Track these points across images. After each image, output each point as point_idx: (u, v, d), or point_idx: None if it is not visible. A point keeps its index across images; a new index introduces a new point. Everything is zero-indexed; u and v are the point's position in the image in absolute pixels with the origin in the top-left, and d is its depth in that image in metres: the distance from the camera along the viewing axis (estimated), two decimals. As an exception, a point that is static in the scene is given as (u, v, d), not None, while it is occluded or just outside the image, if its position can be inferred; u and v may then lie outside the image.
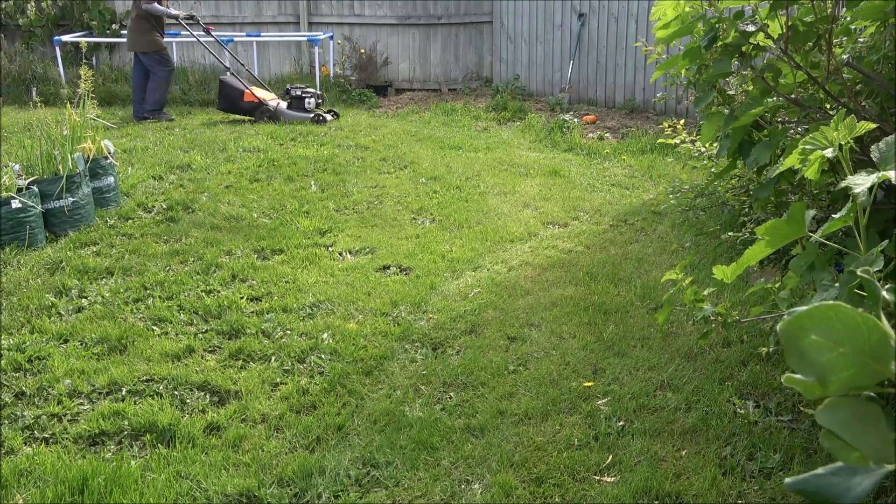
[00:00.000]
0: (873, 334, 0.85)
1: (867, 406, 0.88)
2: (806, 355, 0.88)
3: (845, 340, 0.86)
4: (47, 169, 4.91)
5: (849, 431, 0.87)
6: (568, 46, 9.39)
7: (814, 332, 0.87)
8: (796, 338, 0.88)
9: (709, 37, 2.27)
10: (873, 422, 0.86)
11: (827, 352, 0.87)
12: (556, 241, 4.81)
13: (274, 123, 8.33)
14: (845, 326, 0.86)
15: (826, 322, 0.87)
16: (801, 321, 0.88)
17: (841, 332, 0.86)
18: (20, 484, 2.51)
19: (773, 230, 1.47)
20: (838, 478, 0.84)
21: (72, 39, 10.02)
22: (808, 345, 0.88)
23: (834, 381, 0.88)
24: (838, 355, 0.86)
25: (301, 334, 3.56)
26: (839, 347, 0.86)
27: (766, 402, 2.89)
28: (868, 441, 0.85)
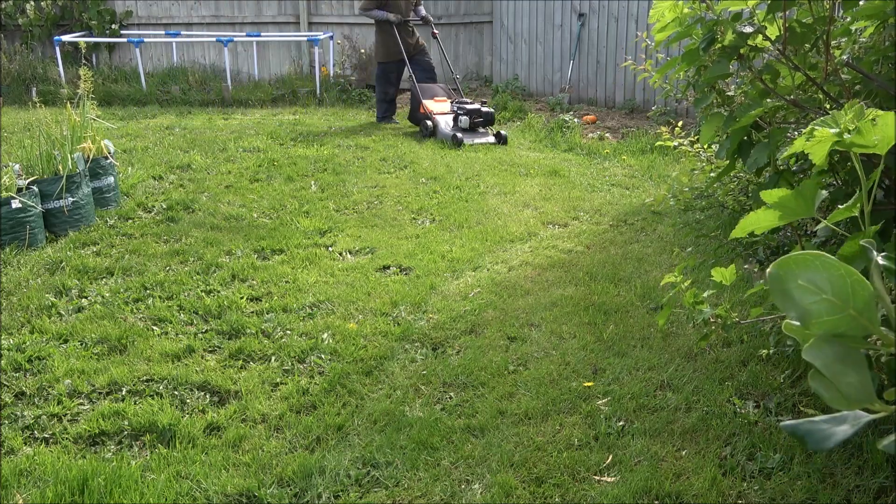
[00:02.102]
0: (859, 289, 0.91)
1: (851, 351, 0.94)
2: (791, 297, 0.95)
3: (829, 289, 0.92)
4: (47, 169, 4.91)
5: (832, 371, 0.93)
6: (568, 46, 9.40)
7: (800, 277, 0.94)
8: (783, 279, 0.95)
9: (707, 39, 2.27)
10: (855, 364, 0.93)
11: (811, 296, 0.93)
12: (556, 241, 4.81)
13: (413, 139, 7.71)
14: (829, 276, 0.93)
15: (812, 269, 0.93)
16: (788, 265, 0.95)
17: (825, 281, 0.92)
18: (20, 484, 2.51)
19: (782, 203, 1.46)
20: (826, 424, 0.90)
21: (72, 39, 10.03)
22: (795, 288, 0.95)
23: (816, 323, 0.94)
24: (822, 300, 0.93)
25: (301, 334, 3.56)
26: (822, 293, 0.92)
27: (766, 402, 2.89)
28: (849, 381, 0.91)
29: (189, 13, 10.79)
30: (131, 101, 9.66)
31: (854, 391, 0.89)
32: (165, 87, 9.94)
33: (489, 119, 7.66)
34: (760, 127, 2.32)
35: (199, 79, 10.18)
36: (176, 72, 10.42)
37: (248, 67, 10.72)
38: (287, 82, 10.15)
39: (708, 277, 3.27)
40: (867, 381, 0.90)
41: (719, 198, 4.50)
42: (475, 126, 7.52)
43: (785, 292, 0.94)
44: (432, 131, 7.70)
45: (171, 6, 10.82)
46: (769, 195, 1.50)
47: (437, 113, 7.80)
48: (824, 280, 0.91)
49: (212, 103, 9.66)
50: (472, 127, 7.50)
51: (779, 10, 2.14)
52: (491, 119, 7.66)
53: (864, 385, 0.90)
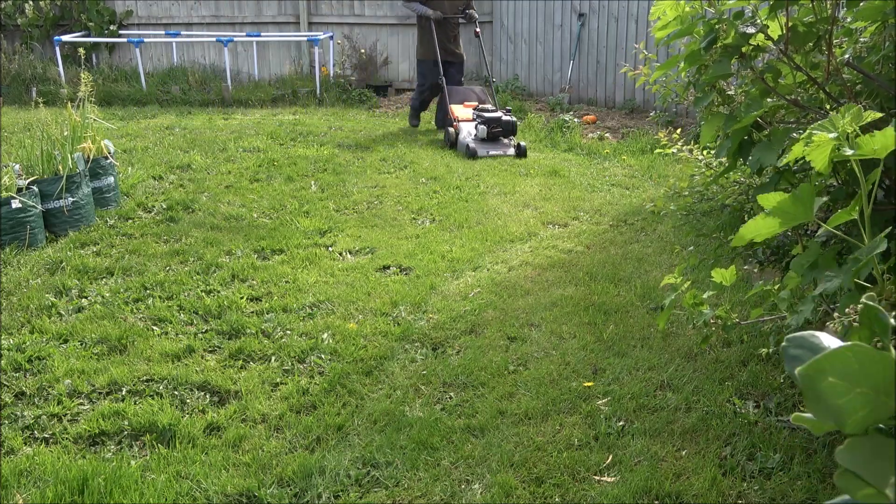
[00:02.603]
0: (888, 369, 0.85)
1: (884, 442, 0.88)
2: (823, 398, 0.87)
3: (862, 380, 0.85)
4: (47, 169, 4.91)
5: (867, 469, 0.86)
6: (568, 46, 9.40)
7: (831, 374, 0.87)
8: (814, 381, 0.87)
9: (708, 38, 2.27)
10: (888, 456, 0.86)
11: (844, 393, 0.86)
12: (556, 241, 4.81)
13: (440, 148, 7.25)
14: (862, 365, 0.85)
15: (844, 363, 0.86)
16: (819, 365, 0.87)
17: (858, 373, 0.85)
18: (20, 484, 2.51)
19: (780, 208, 1.46)
20: None
21: (72, 39, 10.03)
22: (826, 387, 0.87)
23: (851, 422, 0.87)
24: (855, 396, 0.86)
25: (301, 334, 3.56)
26: (856, 388, 0.85)
27: (766, 402, 2.89)
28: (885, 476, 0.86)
29: (189, 13, 10.79)
30: (131, 102, 9.65)
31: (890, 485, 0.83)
32: (165, 87, 9.94)
33: (509, 129, 7.09)
34: (761, 126, 2.32)
35: (199, 79, 10.17)
36: (176, 72, 10.41)
37: (248, 67, 10.71)
38: (287, 82, 10.15)
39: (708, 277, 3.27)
40: None
41: (719, 200, 4.49)
42: (494, 136, 7.00)
43: (816, 394, 0.87)
44: (454, 141, 7.19)
45: (171, 6, 10.82)
46: (767, 200, 1.49)
47: (463, 120, 7.32)
48: (857, 372, 0.85)
49: (212, 103, 9.65)
50: (490, 137, 6.98)
51: (781, 9, 2.14)
52: (512, 129, 7.08)
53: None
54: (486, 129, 6.95)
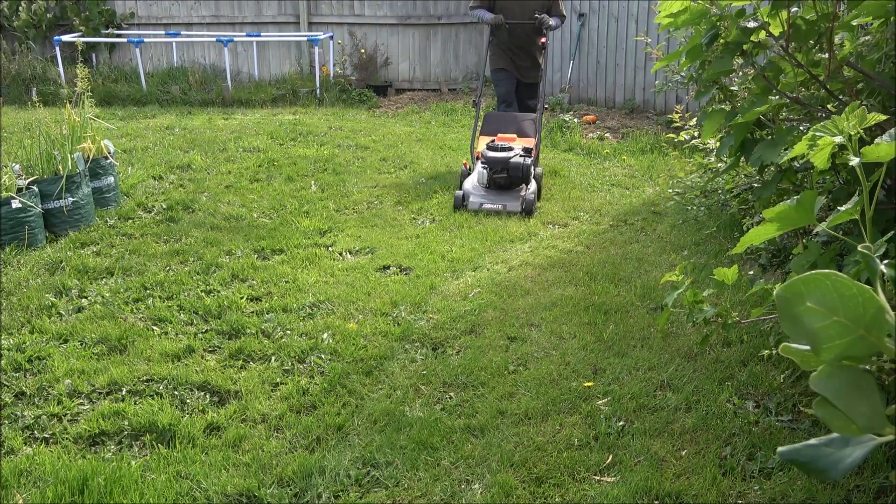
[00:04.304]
0: (869, 306, 0.85)
1: (861, 375, 0.88)
2: (800, 321, 0.88)
3: (840, 309, 0.86)
4: (47, 169, 4.91)
5: (842, 399, 0.87)
6: (568, 46, 9.39)
7: (809, 299, 0.87)
8: (792, 303, 0.88)
9: (710, 34, 2.27)
10: (866, 391, 0.86)
11: (821, 319, 0.87)
12: (556, 241, 4.80)
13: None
14: (841, 296, 0.86)
15: (822, 290, 0.86)
16: (797, 287, 0.88)
17: (836, 301, 0.86)
18: (20, 484, 2.51)
19: (781, 215, 1.46)
20: (830, 448, 0.84)
21: (72, 39, 10.02)
22: (804, 311, 0.88)
23: (827, 348, 0.88)
24: (832, 323, 0.86)
25: (301, 334, 3.56)
26: (833, 315, 0.86)
27: (766, 402, 2.88)
28: (860, 410, 0.86)
29: (189, 13, 10.79)
30: (131, 101, 9.65)
31: (866, 419, 0.84)
32: (165, 87, 9.94)
33: (518, 174, 5.42)
34: (763, 124, 2.32)
35: (199, 79, 10.17)
36: (176, 72, 10.41)
37: (248, 67, 10.71)
38: (287, 82, 10.14)
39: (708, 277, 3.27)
40: (879, 407, 0.85)
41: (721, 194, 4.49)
42: (497, 183, 5.49)
43: (793, 316, 0.88)
44: (461, 180, 5.77)
45: (171, 6, 10.82)
46: (769, 212, 1.50)
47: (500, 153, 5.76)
48: (835, 300, 0.85)
49: (212, 103, 9.65)
50: (491, 184, 5.50)
51: (783, 6, 2.14)
52: (522, 175, 5.43)
53: (875, 411, 0.84)
54: (487, 172, 5.48)
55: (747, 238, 1.55)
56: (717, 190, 4.86)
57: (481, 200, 5.42)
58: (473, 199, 5.43)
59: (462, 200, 5.41)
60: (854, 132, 1.38)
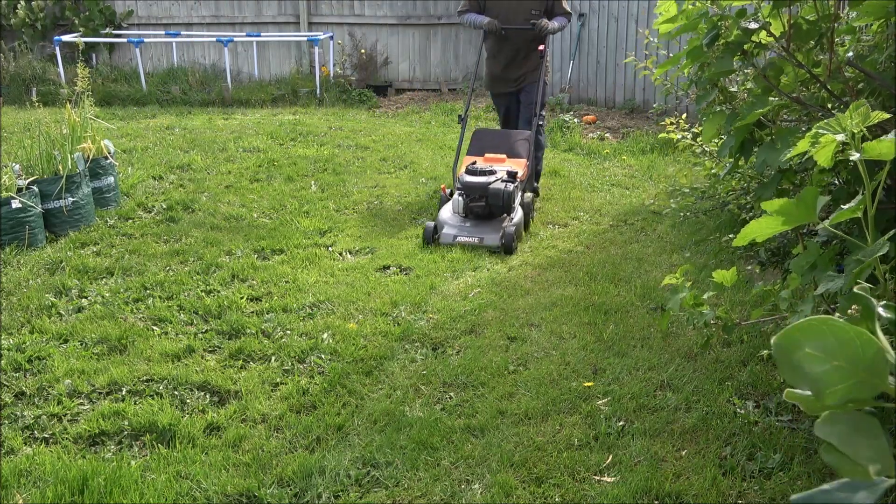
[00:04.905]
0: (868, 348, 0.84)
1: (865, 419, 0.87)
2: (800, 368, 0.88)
3: (839, 353, 0.85)
4: (47, 169, 4.91)
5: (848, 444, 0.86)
6: (568, 46, 9.39)
7: (807, 345, 0.87)
8: (789, 351, 0.88)
9: (711, 35, 2.27)
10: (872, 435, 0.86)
11: (821, 364, 0.86)
12: (556, 241, 4.80)
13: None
14: (838, 340, 0.86)
15: (818, 335, 0.86)
16: (793, 335, 0.88)
17: (834, 346, 0.85)
18: (20, 484, 2.51)
19: (783, 210, 1.45)
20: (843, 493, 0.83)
21: (71, 39, 10.02)
22: (802, 357, 0.87)
23: (829, 393, 0.87)
24: (832, 368, 0.86)
25: (301, 334, 3.56)
26: (833, 360, 0.86)
27: (766, 402, 2.88)
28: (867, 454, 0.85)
29: (189, 13, 10.79)
30: (131, 101, 9.65)
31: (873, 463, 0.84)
32: (165, 87, 9.94)
33: (498, 204, 4.72)
34: (763, 125, 2.32)
35: (199, 79, 10.17)
36: (176, 72, 10.41)
37: (248, 67, 10.71)
38: (287, 82, 10.14)
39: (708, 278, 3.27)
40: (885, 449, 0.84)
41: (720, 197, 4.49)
42: (475, 213, 4.81)
43: (792, 364, 0.87)
44: (441, 205, 5.15)
45: (171, 6, 10.82)
46: (770, 205, 1.49)
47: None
48: (833, 345, 0.85)
49: (212, 103, 9.65)
50: (468, 213, 4.84)
51: (783, 6, 2.14)
52: (503, 204, 4.72)
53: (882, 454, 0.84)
54: (464, 200, 4.81)
55: (749, 230, 1.55)
56: (716, 194, 4.87)
57: (455, 233, 4.72)
58: (447, 230, 4.75)
59: (434, 233, 4.73)
60: (857, 130, 1.38)
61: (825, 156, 1.42)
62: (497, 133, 5.60)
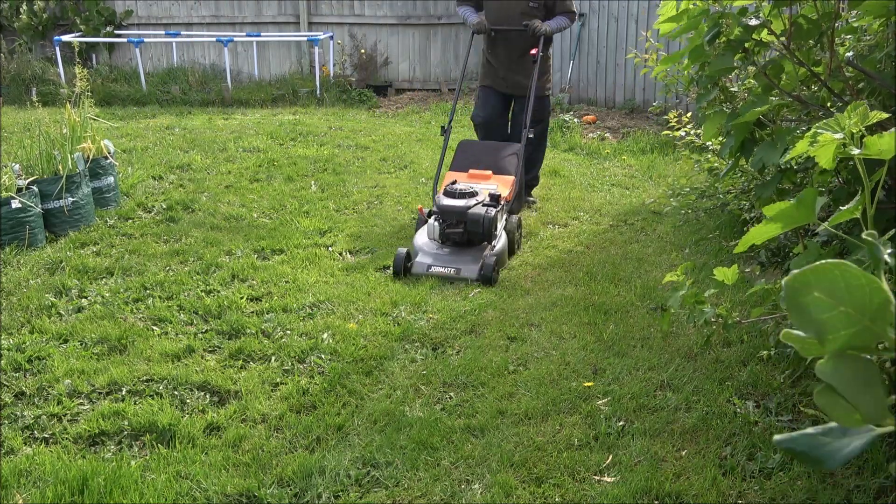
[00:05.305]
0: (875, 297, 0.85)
1: (866, 365, 0.88)
2: (807, 311, 0.88)
3: (847, 300, 0.86)
4: (47, 169, 4.91)
5: (846, 389, 0.87)
6: (568, 46, 9.39)
7: (817, 289, 0.87)
8: (799, 293, 0.88)
9: (712, 32, 2.27)
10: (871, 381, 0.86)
11: (828, 309, 0.87)
12: (556, 241, 4.80)
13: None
14: (848, 286, 0.86)
15: (830, 279, 0.86)
16: (805, 277, 0.88)
17: (843, 291, 0.86)
18: (20, 484, 2.51)
19: (782, 213, 1.45)
20: (828, 438, 0.84)
21: (72, 39, 10.02)
22: (811, 301, 0.87)
23: (832, 338, 0.88)
24: (839, 314, 0.86)
25: (301, 334, 3.56)
26: (840, 306, 0.86)
27: (766, 402, 2.88)
28: (864, 399, 0.85)
29: (189, 13, 10.79)
30: (131, 101, 9.65)
31: (868, 409, 0.84)
32: (165, 87, 9.93)
33: (478, 230, 4.29)
34: (763, 125, 2.32)
35: (199, 79, 10.17)
36: (176, 72, 10.41)
37: (248, 67, 10.71)
38: (287, 82, 10.14)
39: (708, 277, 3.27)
40: (881, 398, 0.85)
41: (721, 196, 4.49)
42: (452, 240, 4.37)
43: (800, 306, 0.87)
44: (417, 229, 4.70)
45: (171, 6, 10.82)
46: (769, 209, 1.49)
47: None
48: (842, 290, 0.85)
49: (212, 103, 9.65)
50: (445, 240, 4.38)
51: (784, 5, 2.14)
52: (483, 231, 4.28)
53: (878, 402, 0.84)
54: (440, 226, 4.37)
55: (749, 237, 1.55)
56: (716, 194, 4.87)
57: (429, 262, 4.26)
58: (421, 258, 4.29)
59: (406, 260, 4.23)
60: (856, 129, 1.38)
61: (826, 156, 1.42)
62: (483, 146, 5.17)
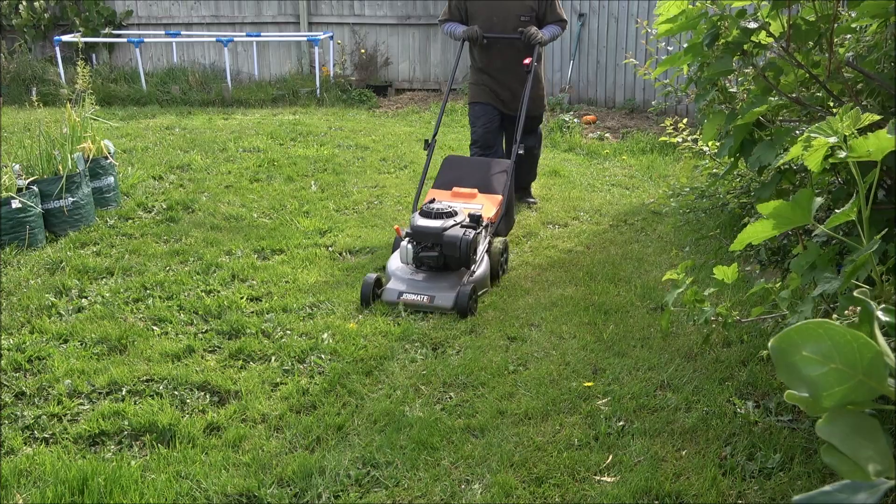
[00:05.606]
0: (866, 351, 0.85)
1: (866, 420, 0.88)
2: (798, 370, 0.88)
3: (836, 357, 0.86)
4: (47, 169, 4.91)
5: (848, 445, 0.87)
6: (568, 46, 9.39)
7: (804, 348, 0.87)
8: (787, 353, 0.88)
9: (711, 34, 2.27)
10: (872, 436, 0.86)
11: (819, 367, 0.87)
12: (556, 241, 4.80)
13: None
14: (835, 343, 0.86)
15: (816, 338, 0.87)
16: (790, 337, 0.88)
17: (831, 349, 0.86)
18: (20, 484, 2.51)
19: (778, 213, 1.45)
20: (844, 494, 0.83)
21: (72, 39, 10.02)
22: (800, 360, 0.88)
23: (827, 395, 0.88)
24: (830, 371, 0.86)
25: (301, 334, 3.56)
26: (830, 363, 0.86)
27: (766, 402, 2.88)
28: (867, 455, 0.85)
29: (189, 13, 10.79)
30: (131, 101, 9.65)
31: (873, 464, 0.84)
32: (165, 87, 9.93)
33: (454, 255, 3.88)
34: (763, 125, 2.32)
35: (199, 79, 10.17)
36: (176, 72, 10.41)
37: (248, 67, 10.71)
38: (287, 82, 10.14)
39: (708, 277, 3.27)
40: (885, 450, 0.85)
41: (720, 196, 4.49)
42: (427, 263, 3.94)
43: (790, 366, 0.88)
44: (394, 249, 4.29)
45: (171, 6, 10.82)
46: (765, 207, 1.50)
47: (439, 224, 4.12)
48: (830, 348, 0.86)
49: (212, 103, 9.65)
50: (419, 264, 3.97)
51: (783, 6, 2.14)
52: (461, 255, 3.87)
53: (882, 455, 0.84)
54: (413, 249, 3.95)
55: (745, 235, 1.55)
56: (716, 194, 4.87)
57: (401, 288, 3.86)
58: (392, 284, 3.91)
59: (376, 286, 3.87)
60: (849, 132, 1.38)
61: (815, 160, 1.43)
62: (470, 162, 4.81)
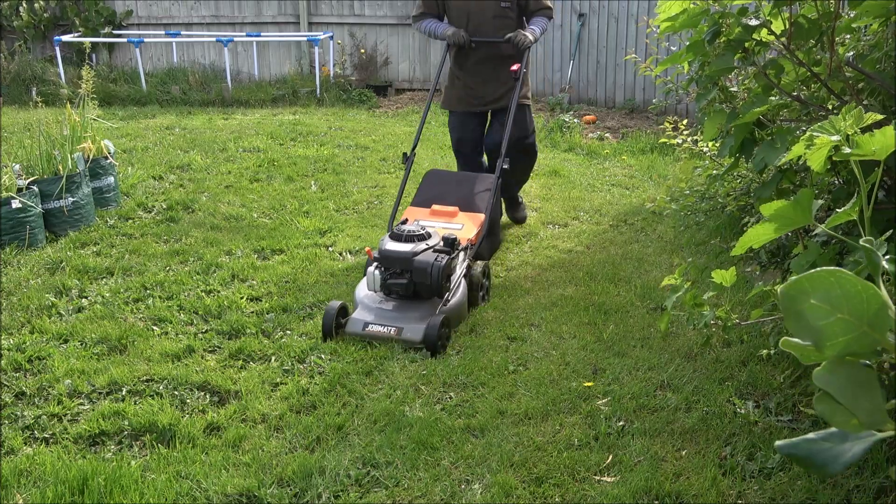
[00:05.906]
0: (873, 302, 0.85)
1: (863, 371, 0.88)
2: (804, 318, 0.88)
3: (844, 306, 0.86)
4: (47, 169, 4.91)
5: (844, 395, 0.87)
6: (568, 46, 9.39)
7: (814, 296, 0.87)
8: (796, 300, 0.88)
9: (712, 31, 2.27)
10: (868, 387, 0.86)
11: (825, 316, 0.87)
12: (556, 241, 4.80)
13: None
14: (845, 293, 0.86)
15: (826, 287, 0.86)
16: (801, 284, 0.88)
17: (840, 298, 0.86)
18: (20, 484, 2.51)
19: (779, 214, 1.45)
20: (829, 443, 0.84)
21: (72, 39, 10.02)
22: (808, 308, 0.87)
23: (830, 345, 0.88)
24: (836, 320, 0.86)
25: (301, 334, 3.56)
26: (837, 312, 0.86)
27: (766, 402, 2.88)
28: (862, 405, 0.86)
29: (189, 13, 10.79)
30: (131, 101, 9.65)
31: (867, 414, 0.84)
32: (165, 87, 9.93)
33: (426, 282, 3.53)
34: (763, 125, 2.32)
35: (199, 79, 10.17)
36: (176, 72, 10.41)
37: (248, 67, 10.71)
38: (287, 82, 10.14)
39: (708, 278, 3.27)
40: (880, 403, 0.85)
41: (720, 198, 4.48)
42: (396, 290, 3.59)
43: (797, 314, 0.87)
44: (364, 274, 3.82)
45: (171, 6, 10.82)
46: (766, 208, 1.49)
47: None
48: (839, 297, 0.85)
49: (212, 103, 9.65)
50: (387, 289, 3.61)
51: (784, 4, 2.14)
52: (432, 283, 3.52)
53: (876, 407, 0.84)
54: (380, 275, 3.61)
55: (746, 239, 1.55)
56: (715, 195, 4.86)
57: (367, 319, 3.50)
58: (358, 314, 3.55)
59: (340, 316, 3.51)
60: (851, 131, 1.38)
61: (818, 160, 1.42)
62: (453, 177, 4.49)
